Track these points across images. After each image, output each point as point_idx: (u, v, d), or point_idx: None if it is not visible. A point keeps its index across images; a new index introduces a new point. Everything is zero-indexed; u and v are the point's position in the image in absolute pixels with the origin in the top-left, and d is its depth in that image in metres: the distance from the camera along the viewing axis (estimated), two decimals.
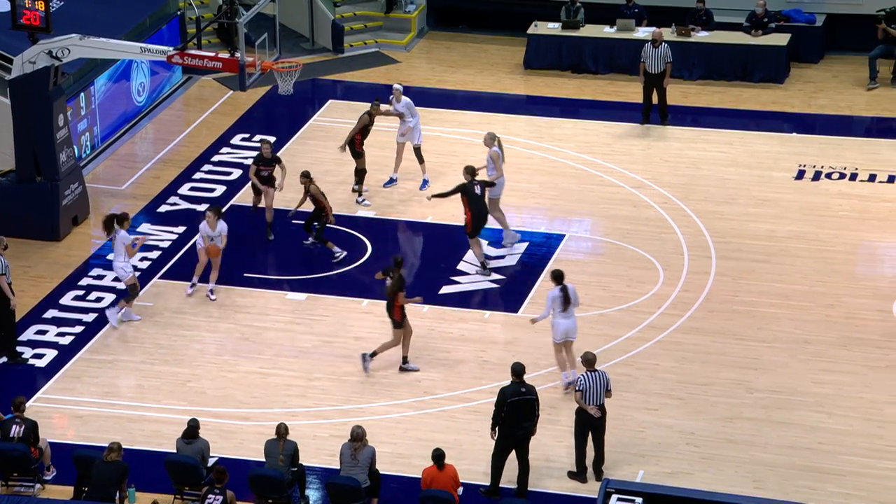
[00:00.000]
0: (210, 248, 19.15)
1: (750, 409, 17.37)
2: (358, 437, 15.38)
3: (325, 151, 23.61)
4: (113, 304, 19.21)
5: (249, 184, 21.21)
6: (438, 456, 15.19)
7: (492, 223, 20.30)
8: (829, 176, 22.61)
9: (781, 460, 16.49)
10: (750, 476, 16.22)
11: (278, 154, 21.68)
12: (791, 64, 26.03)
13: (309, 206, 20.43)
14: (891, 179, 22.46)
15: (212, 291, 19.43)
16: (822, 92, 25.37)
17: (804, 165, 22.84)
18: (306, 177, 20.17)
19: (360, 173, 21.84)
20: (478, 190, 19.61)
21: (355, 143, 21.60)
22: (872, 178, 22.55)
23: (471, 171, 19.73)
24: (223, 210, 19.83)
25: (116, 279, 19.34)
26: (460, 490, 15.37)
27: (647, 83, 23.80)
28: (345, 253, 20.35)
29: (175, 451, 15.88)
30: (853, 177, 22.57)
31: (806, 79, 25.87)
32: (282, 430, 15.62)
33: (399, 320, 17.76)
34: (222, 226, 19.30)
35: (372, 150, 22.09)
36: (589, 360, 16.04)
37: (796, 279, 19.92)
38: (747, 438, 16.84)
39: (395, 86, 22.21)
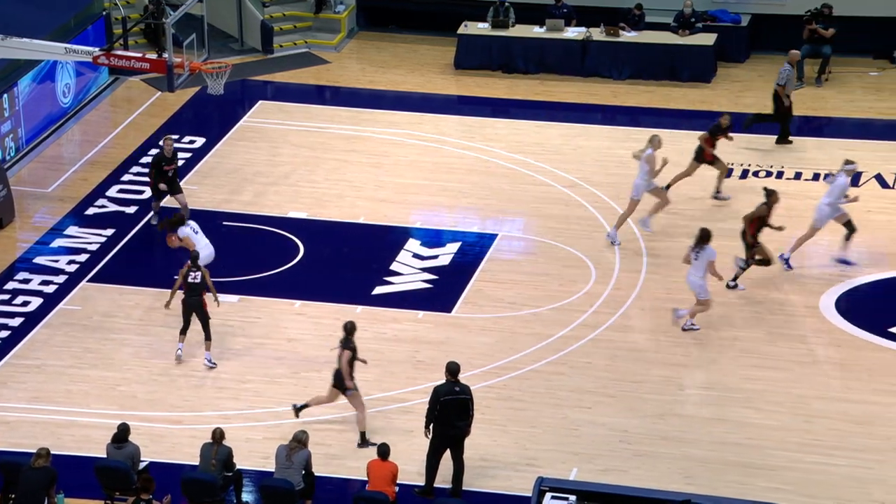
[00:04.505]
0: None
1: (681, 405, 17.51)
2: (300, 440, 15.31)
3: (256, 152, 23.46)
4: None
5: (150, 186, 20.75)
6: (384, 452, 15.31)
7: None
8: (756, 174, 22.85)
9: (712, 456, 16.63)
10: (682, 472, 16.34)
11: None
12: (718, 63, 26.29)
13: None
14: (815, 177, 22.75)
15: None
16: (749, 91, 25.64)
17: (732, 164, 23.05)
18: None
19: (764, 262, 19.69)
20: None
21: (746, 234, 19.85)
22: (798, 175, 22.83)
23: None
24: None
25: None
26: (396, 488, 15.35)
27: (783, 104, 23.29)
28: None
29: (105, 456, 15.69)
30: (780, 175, 22.83)
31: (733, 78, 26.14)
32: (216, 435, 15.47)
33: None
34: None
35: None
36: None
37: (725, 276, 20.08)
38: (679, 435, 16.97)
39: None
